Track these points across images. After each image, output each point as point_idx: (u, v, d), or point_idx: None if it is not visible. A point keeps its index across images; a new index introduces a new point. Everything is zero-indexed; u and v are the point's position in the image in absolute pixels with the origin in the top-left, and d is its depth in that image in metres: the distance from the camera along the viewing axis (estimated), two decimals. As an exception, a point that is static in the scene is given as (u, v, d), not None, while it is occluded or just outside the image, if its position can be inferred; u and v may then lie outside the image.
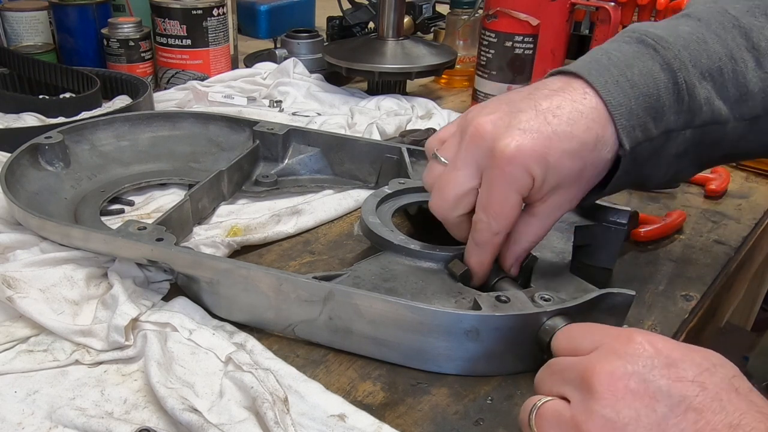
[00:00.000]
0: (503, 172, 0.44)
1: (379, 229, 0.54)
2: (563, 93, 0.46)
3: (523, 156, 0.43)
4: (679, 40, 0.47)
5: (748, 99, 0.48)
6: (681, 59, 0.46)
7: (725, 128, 0.48)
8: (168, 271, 0.53)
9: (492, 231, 0.46)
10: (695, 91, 0.46)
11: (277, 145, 0.72)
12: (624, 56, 0.47)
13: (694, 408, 0.31)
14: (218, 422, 0.40)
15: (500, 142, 0.44)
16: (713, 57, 0.47)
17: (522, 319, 0.44)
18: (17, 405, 0.42)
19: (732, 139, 0.49)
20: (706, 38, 0.47)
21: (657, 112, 0.46)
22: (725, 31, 0.48)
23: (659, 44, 0.47)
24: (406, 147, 0.69)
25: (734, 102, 0.48)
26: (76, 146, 0.69)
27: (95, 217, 0.62)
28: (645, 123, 0.45)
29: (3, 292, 0.48)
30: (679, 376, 0.32)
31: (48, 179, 0.65)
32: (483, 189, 0.46)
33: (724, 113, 0.47)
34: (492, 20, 0.88)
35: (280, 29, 1.22)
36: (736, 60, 0.47)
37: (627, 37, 0.49)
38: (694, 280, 0.59)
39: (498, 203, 0.45)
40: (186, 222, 0.60)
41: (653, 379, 0.32)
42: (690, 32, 0.48)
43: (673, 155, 0.48)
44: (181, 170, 0.72)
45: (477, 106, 0.49)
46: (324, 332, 0.48)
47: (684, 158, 0.49)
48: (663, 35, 0.47)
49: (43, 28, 1.03)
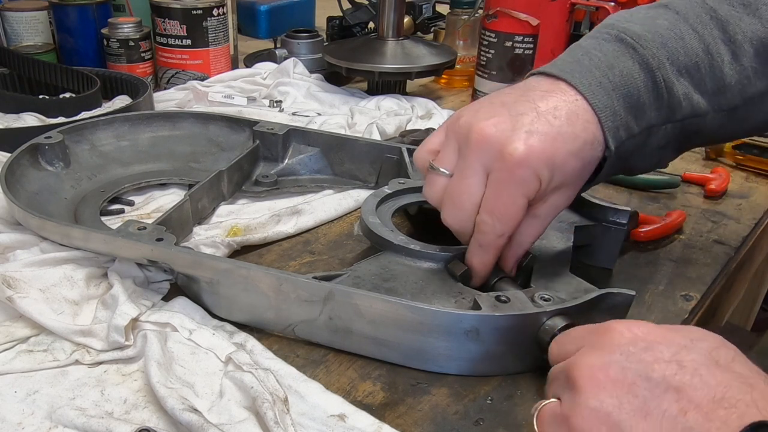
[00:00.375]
0: (513, 176, 0.44)
1: (379, 229, 0.54)
2: (556, 94, 0.46)
3: (533, 159, 0.43)
4: (657, 37, 0.48)
5: (725, 91, 0.49)
6: (659, 58, 0.47)
7: (704, 119, 0.49)
8: (168, 271, 0.53)
9: (497, 233, 0.46)
10: (674, 88, 0.47)
11: (277, 145, 0.72)
12: (605, 56, 0.47)
13: (674, 387, 0.31)
14: (218, 422, 0.40)
15: (509, 146, 0.44)
16: (690, 53, 0.48)
17: (522, 319, 0.44)
18: (17, 405, 0.42)
19: (711, 128, 0.50)
20: (683, 34, 0.48)
21: (638, 110, 0.47)
22: (702, 25, 0.49)
23: (638, 43, 0.47)
24: (406, 147, 0.69)
25: (712, 95, 0.49)
26: (76, 146, 0.69)
27: (95, 217, 0.62)
28: (627, 122, 0.46)
29: (3, 292, 0.48)
30: (656, 357, 0.33)
31: (48, 179, 0.65)
32: (489, 192, 0.45)
33: (702, 106, 0.49)
34: (492, 20, 0.88)
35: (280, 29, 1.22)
36: (712, 55, 0.48)
37: (606, 33, 0.49)
38: (694, 280, 0.59)
39: (505, 206, 0.45)
40: (186, 222, 0.60)
41: (631, 366, 0.33)
42: (668, 27, 0.48)
43: (655, 147, 0.49)
44: (181, 170, 0.72)
45: (464, 110, 0.48)
46: (324, 332, 0.48)
47: (666, 149, 0.50)
48: (641, 33, 0.48)
49: (43, 28, 1.03)
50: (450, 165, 0.47)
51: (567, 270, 0.52)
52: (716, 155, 0.84)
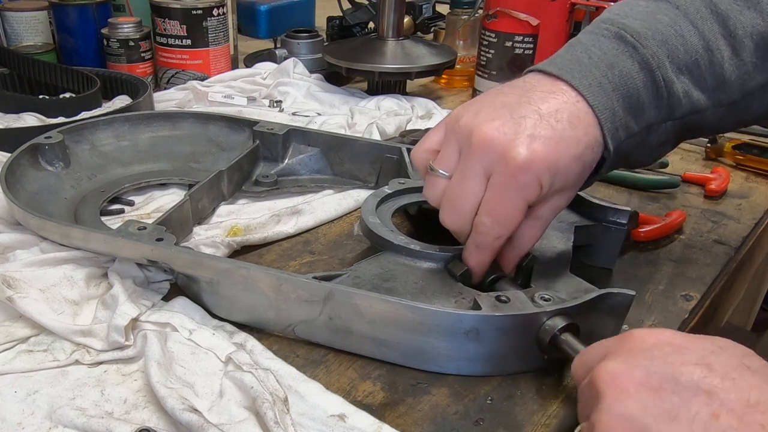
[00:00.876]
0: (515, 180, 0.43)
1: (379, 229, 0.54)
2: (557, 96, 0.45)
3: (536, 164, 0.43)
4: (657, 34, 0.47)
5: (725, 87, 0.48)
6: (659, 57, 0.47)
7: (704, 115, 0.49)
8: (168, 271, 0.53)
9: (494, 235, 0.46)
10: (673, 87, 0.47)
11: (277, 145, 0.72)
12: (604, 55, 0.47)
13: (704, 390, 0.30)
14: (218, 422, 0.40)
15: (512, 150, 0.43)
16: (690, 50, 0.47)
17: (522, 319, 0.44)
18: (17, 405, 0.42)
19: (711, 122, 0.50)
20: (683, 30, 0.48)
21: (637, 110, 0.46)
22: (702, 20, 0.48)
23: (638, 41, 0.47)
24: (406, 147, 0.69)
25: (712, 91, 0.48)
26: (76, 146, 0.69)
27: (95, 217, 0.62)
28: (626, 122, 0.46)
29: (3, 292, 0.48)
30: (683, 360, 0.31)
31: (48, 179, 0.65)
32: (490, 195, 0.45)
33: (702, 102, 0.48)
34: (492, 20, 0.88)
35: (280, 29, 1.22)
36: (712, 51, 0.48)
37: (605, 30, 0.48)
38: (694, 280, 0.59)
39: (505, 210, 0.45)
40: (186, 222, 0.60)
41: (657, 368, 0.32)
42: (668, 23, 0.48)
43: (654, 144, 0.49)
44: (181, 170, 0.72)
45: (463, 110, 0.47)
46: (324, 332, 0.48)
47: (665, 144, 0.50)
48: (641, 30, 0.47)
49: (43, 28, 1.03)
50: (450, 166, 0.47)
51: (567, 270, 0.52)
52: (716, 155, 0.84)
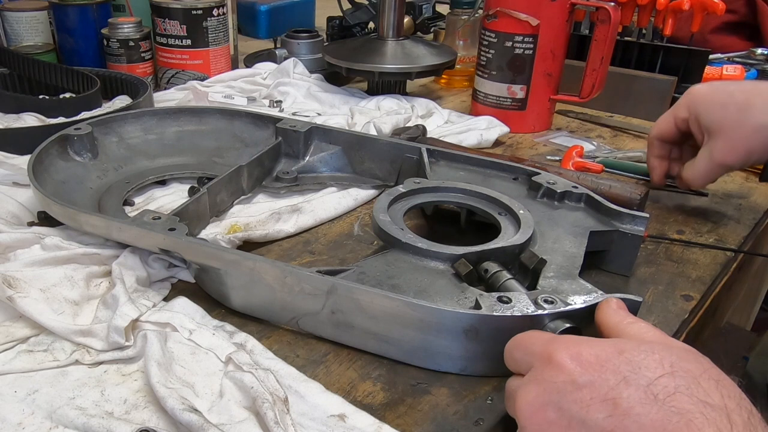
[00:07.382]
0: None
1: (388, 226, 0.54)
2: None
3: None
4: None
5: None
6: None
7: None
8: (181, 260, 0.54)
9: None
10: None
11: (298, 142, 0.72)
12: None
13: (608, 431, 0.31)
14: (218, 422, 0.40)
15: None
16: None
17: (521, 321, 0.44)
18: (17, 405, 0.42)
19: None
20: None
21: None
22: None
23: None
24: (426, 147, 0.69)
25: None
26: (104, 138, 0.70)
27: (118, 206, 0.63)
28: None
29: (3, 292, 0.48)
30: (592, 396, 0.33)
31: (75, 169, 0.66)
32: None
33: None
34: (492, 20, 0.88)
35: (280, 29, 1.22)
36: None
37: None
38: (694, 280, 0.59)
39: None
40: (203, 214, 0.61)
41: (567, 407, 0.33)
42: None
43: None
44: (205, 164, 0.73)
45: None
46: (327, 326, 0.48)
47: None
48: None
49: (43, 28, 1.03)
50: None
51: (576, 274, 0.51)
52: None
